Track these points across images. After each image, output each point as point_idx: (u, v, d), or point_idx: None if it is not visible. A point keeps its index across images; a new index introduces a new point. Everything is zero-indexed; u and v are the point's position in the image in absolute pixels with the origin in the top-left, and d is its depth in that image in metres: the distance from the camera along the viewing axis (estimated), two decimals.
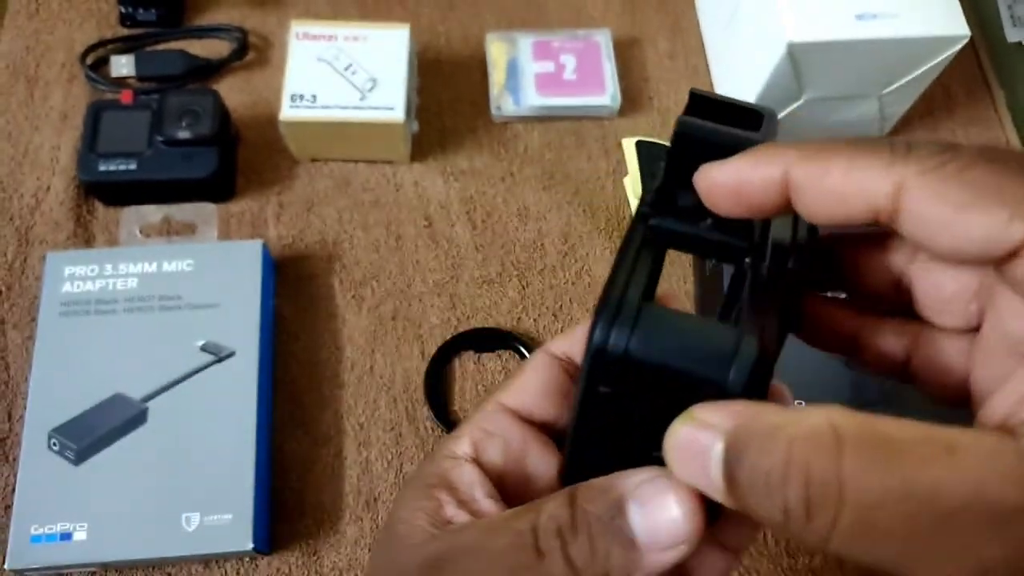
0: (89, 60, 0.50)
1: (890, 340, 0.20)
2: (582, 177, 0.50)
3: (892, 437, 0.14)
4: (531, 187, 0.49)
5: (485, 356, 0.45)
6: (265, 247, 0.44)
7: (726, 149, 0.18)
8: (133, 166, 0.45)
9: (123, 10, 0.51)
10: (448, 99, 0.52)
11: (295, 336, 0.45)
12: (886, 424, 0.14)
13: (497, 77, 0.51)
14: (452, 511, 0.20)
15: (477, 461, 0.22)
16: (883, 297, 0.20)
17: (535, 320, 0.46)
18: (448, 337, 0.45)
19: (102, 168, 0.45)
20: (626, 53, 0.54)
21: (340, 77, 0.46)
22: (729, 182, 0.17)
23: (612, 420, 0.18)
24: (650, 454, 0.17)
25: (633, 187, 0.48)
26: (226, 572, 0.39)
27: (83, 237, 0.46)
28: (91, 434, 0.38)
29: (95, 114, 0.46)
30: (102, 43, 0.51)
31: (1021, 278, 0.15)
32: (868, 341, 0.21)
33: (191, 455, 0.39)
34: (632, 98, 0.52)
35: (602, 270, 0.47)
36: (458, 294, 0.46)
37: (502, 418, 0.22)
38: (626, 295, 0.16)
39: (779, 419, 0.14)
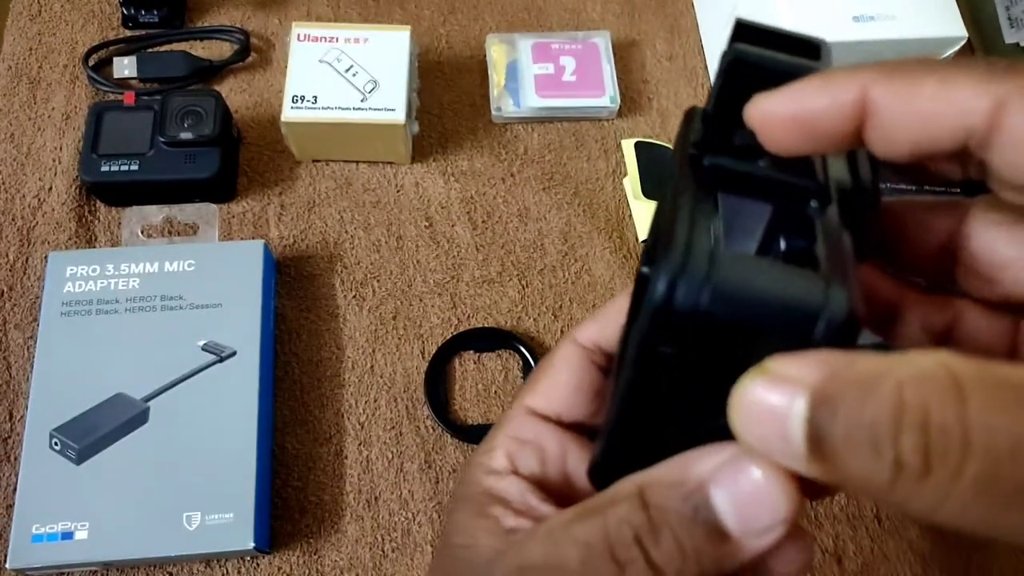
0: (91, 61, 0.50)
1: (933, 314, 0.18)
2: (582, 178, 0.50)
3: (1014, 380, 0.12)
4: (531, 188, 0.50)
5: (485, 356, 0.45)
6: (266, 247, 0.44)
7: (786, 78, 0.15)
8: (135, 167, 0.45)
9: (125, 12, 0.52)
10: (448, 100, 0.52)
11: (296, 336, 0.45)
12: (1009, 369, 0.12)
13: (497, 79, 0.52)
14: (512, 522, 0.19)
15: (516, 473, 0.20)
16: (925, 265, 0.19)
17: (535, 320, 0.46)
18: (448, 337, 0.45)
19: (104, 169, 0.45)
20: (625, 55, 0.54)
21: (341, 79, 0.47)
22: (790, 111, 0.15)
23: (666, 392, 0.15)
24: (706, 425, 0.15)
25: (633, 188, 0.48)
26: (227, 571, 0.39)
27: (85, 237, 0.46)
28: (92, 434, 0.38)
29: (97, 115, 0.46)
30: (104, 44, 0.51)
31: None
32: (910, 314, 0.19)
33: (192, 455, 0.39)
34: (631, 99, 0.53)
35: (602, 270, 0.48)
36: (458, 294, 0.46)
37: (533, 424, 0.21)
38: (692, 240, 0.14)
39: (880, 365, 0.12)
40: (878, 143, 0.15)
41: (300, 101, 0.46)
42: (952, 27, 0.44)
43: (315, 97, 0.46)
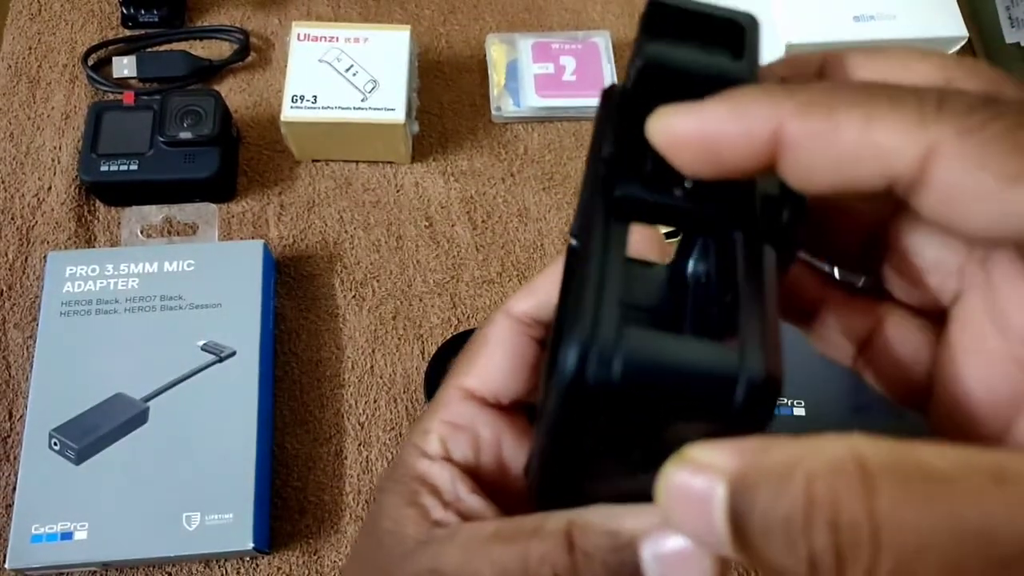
0: (91, 61, 0.50)
1: (855, 317, 0.18)
2: (581, 178, 0.50)
3: (931, 466, 0.11)
4: (531, 188, 0.50)
5: None
6: (266, 247, 0.44)
7: (703, 88, 0.14)
8: (135, 166, 0.45)
9: (125, 11, 0.52)
10: (448, 100, 0.52)
11: (296, 336, 0.45)
12: (920, 451, 0.12)
13: (497, 78, 0.51)
14: (439, 514, 0.19)
15: (448, 459, 0.19)
16: (852, 259, 0.18)
17: None
18: (448, 337, 0.45)
19: (104, 168, 0.45)
20: (625, 55, 0.54)
21: (341, 78, 0.46)
22: (696, 134, 0.13)
23: (591, 447, 0.15)
24: (637, 476, 0.14)
25: None
26: (227, 571, 0.39)
27: (84, 237, 0.46)
28: (92, 434, 0.38)
29: (97, 115, 0.46)
30: (104, 44, 0.51)
31: None
32: (828, 316, 0.18)
33: (192, 455, 0.39)
34: None
35: None
36: (458, 294, 0.46)
37: (468, 407, 0.20)
38: (601, 308, 0.13)
39: (793, 452, 0.12)
40: (792, 179, 0.14)
41: (300, 101, 0.46)
42: (953, 27, 0.44)
43: (315, 97, 0.46)
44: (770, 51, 0.44)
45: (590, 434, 0.14)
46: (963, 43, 0.44)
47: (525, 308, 0.20)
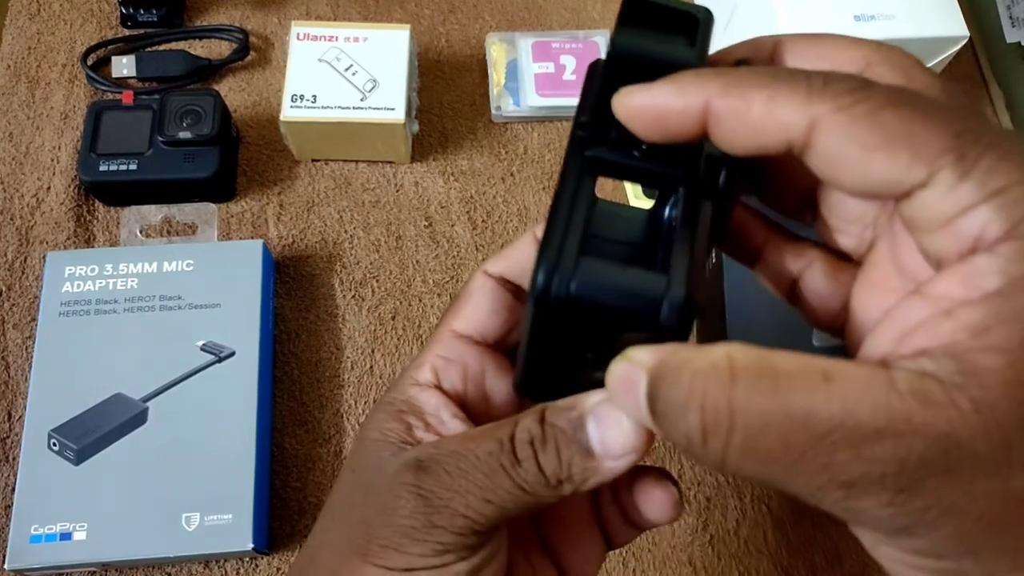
0: (90, 61, 0.50)
1: (788, 259, 0.21)
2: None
3: (778, 367, 0.15)
4: (531, 187, 0.49)
5: None
6: (265, 247, 0.44)
7: (658, 70, 0.18)
8: (134, 166, 0.45)
9: (124, 11, 0.52)
10: (448, 100, 0.52)
11: (295, 336, 0.45)
12: (776, 357, 0.15)
13: (497, 78, 0.51)
14: (421, 433, 0.22)
15: (439, 387, 0.23)
16: (793, 208, 0.21)
17: None
18: None
19: (103, 168, 0.45)
20: None
21: (341, 78, 0.46)
22: (647, 108, 0.17)
23: (559, 347, 0.19)
24: (592, 375, 0.19)
25: (633, 187, 0.48)
26: (226, 572, 0.39)
27: (83, 237, 0.46)
28: (91, 434, 0.38)
29: (96, 114, 0.46)
30: (103, 44, 0.51)
31: (912, 217, 0.16)
32: (769, 256, 0.22)
33: (191, 455, 0.39)
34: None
35: None
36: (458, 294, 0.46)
37: (458, 344, 0.24)
38: (565, 242, 0.18)
39: (688, 355, 0.16)
40: (720, 143, 0.17)
41: (299, 100, 0.46)
42: (953, 26, 0.44)
43: (314, 96, 0.46)
44: None
45: (556, 336, 0.19)
46: (964, 42, 0.44)
47: (498, 269, 0.24)
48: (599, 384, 0.18)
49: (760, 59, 0.20)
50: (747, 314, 0.38)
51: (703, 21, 0.19)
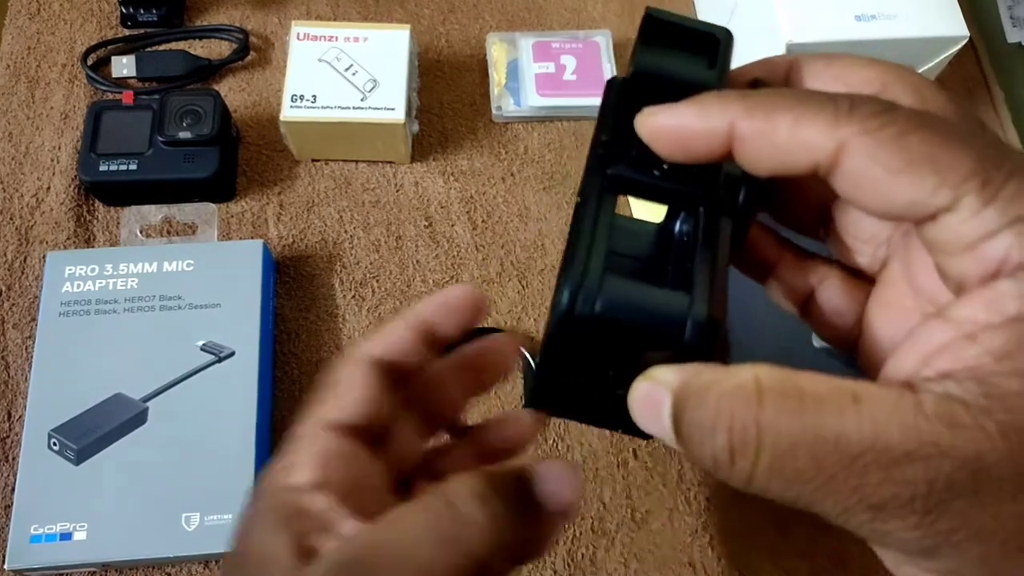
0: (90, 61, 0.50)
1: (800, 275, 0.22)
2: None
3: (806, 389, 0.15)
4: (531, 187, 0.49)
5: None
6: (265, 247, 0.44)
7: (680, 90, 0.18)
8: (134, 166, 0.45)
9: (124, 11, 0.52)
10: (448, 100, 0.52)
11: (295, 336, 0.45)
12: (803, 378, 0.15)
13: (497, 78, 0.51)
14: (316, 539, 0.19)
15: (321, 485, 0.21)
16: (806, 225, 0.22)
17: (535, 320, 0.46)
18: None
19: (103, 168, 0.45)
20: (626, 54, 0.54)
21: (341, 78, 0.46)
22: (671, 129, 0.18)
23: (579, 363, 0.19)
24: (614, 392, 0.18)
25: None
26: None
27: (83, 237, 0.46)
28: (91, 434, 0.38)
29: (96, 114, 0.46)
30: (103, 44, 0.51)
31: (935, 240, 0.16)
32: (782, 272, 0.22)
33: (191, 455, 0.39)
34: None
35: None
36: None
37: (332, 438, 0.22)
38: (589, 260, 0.18)
39: (714, 376, 0.16)
40: (744, 163, 0.18)
41: (299, 100, 0.46)
42: (954, 26, 0.43)
43: (314, 96, 0.46)
44: (772, 50, 0.44)
45: (577, 353, 0.19)
46: (964, 42, 0.44)
47: (377, 351, 0.23)
48: (619, 401, 0.18)
49: (775, 79, 0.20)
50: (748, 315, 0.38)
51: (723, 41, 0.19)
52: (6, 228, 0.46)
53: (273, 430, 0.42)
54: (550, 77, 0.51)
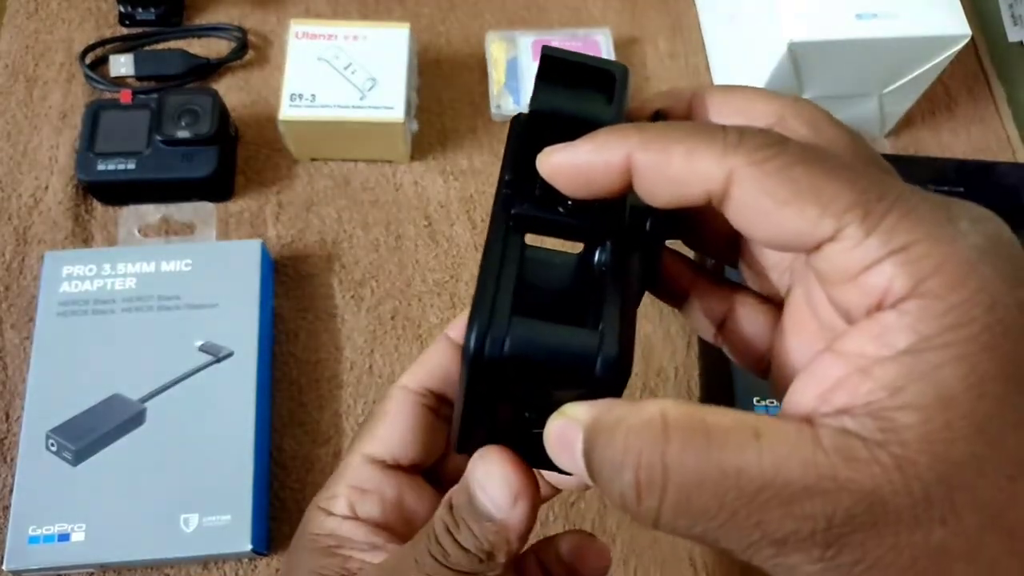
0: (88, 59, 0.50)
1: (713, 301, 0.22)
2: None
3: (710, 424, 0.15)
4: None
5: None
6: (264, 247, 0.44)
7: (579, 127, 0.18)
8: (132, 166, 0.45)
9: (122, 9, 0.51)
10: (448, 98, 0.51)
11: (294, 336, 0.45)
12: (709, 412, 0.15)
13: (497, 76, 0.51)
14: (358, 563, 0.22)
15: (357, 518, 0.23)
16: (720, 252, 0.22)
17: None
18: None
19: (101, 168, 0.45)
20: (626, 52, 0.54)
21: (340, 76, 0.46)
22: (570, 167, 0.18)
23: (496, 405, 0.19)
24: (530, 431, 0.19)
25: None
26: (225, 573, 0.39)
27: (81, 237, 0.46)
28: (89, 435, 0.38)
29: (94, 114, 0.46)
30: (101, 42, 0.51)
31: (822, 270, 0.16)
32: (697, 298, 0.22)
33: (189, 456, 0.38)
34: (632, 97, 0.52)
35: None
36: (458, 294, 0.46)
37: (371, 471, 0.23)
38: (496, 302, 0.18)
39: (622, 412, 0.16)
40: (643, 195, 0.18)
41: (298, 99, 0.45)
42: (955, 25, 0.43)
43: (313, 95, 0.46)
44: (772, 50, 0.44)
45: (492, 395, 0.19)
46: (966, 41, 0.43)
47: (419, 380, 0.24)
48: (538, 440, 0.18)
49: (677, 110, 0.20)
50: None
51: (619, 77, 0.19)
52: (4, 228, 0.46)
53: (272, 430, 0.42)
54: None
